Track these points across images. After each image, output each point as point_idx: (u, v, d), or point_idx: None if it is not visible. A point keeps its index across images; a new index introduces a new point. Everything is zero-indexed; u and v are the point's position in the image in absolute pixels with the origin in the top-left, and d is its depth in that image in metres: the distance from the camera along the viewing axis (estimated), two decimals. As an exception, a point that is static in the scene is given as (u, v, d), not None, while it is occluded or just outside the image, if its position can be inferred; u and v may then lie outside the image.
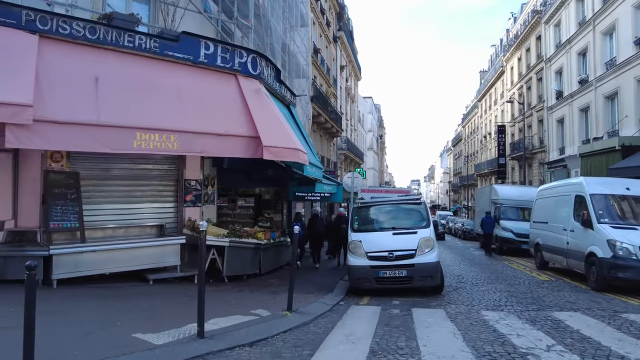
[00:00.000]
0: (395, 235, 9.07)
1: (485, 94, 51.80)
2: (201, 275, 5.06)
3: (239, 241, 9.07)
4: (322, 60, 25.78)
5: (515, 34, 38.85)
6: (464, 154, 65.16)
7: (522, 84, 35.80)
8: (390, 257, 8.60)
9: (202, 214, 10.02)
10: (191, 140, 7.56)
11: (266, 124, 8.39)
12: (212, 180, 10.46)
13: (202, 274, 5.08)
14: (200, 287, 5.01)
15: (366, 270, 8.63)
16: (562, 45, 26.64)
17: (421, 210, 9.97)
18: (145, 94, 7.62)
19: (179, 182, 9.80)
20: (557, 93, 27.88)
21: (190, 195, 9.77)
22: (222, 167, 10.47)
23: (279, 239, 11.22)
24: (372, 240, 9.02)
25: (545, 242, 12.89)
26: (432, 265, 8.61)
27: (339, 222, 14.39)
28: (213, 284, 8.76)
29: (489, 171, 46.19)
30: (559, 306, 7.61)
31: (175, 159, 9.80)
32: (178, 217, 9.79)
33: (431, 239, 8.96)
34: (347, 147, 32.73)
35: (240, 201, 16.38)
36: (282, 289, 8.43)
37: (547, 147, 30.07)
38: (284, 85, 11.29)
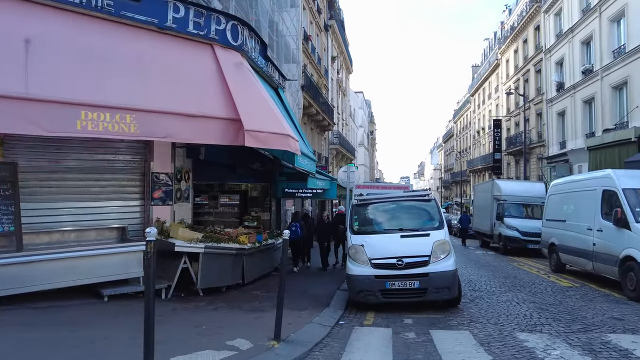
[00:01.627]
0: (403, 238, 7.63)
1: (479, 88, 50.71)
2: (148, 305, 3.51)
3: (216, 246, 7.54)
4: (313, 49, 24.25)
5: (511, 25, 37.69)
6: (456, 150, 64.16)
7: (518, 76, 34.67)
8: (399, 265, 7.15)
9: (174, 214, 8.46)
10: (153, 122, 6.00)
11: (249, 104, 6.88)
12: (186, 174, 8.89)
13: (151, 301, 3.52)
14: (148, 325, 3.47)
15: (370, 281, 7.17)
16: (564, 34, 25.45)
17: (432, 208, 8.55)
18: (95, 63, 6.03)
19: (146, 176, 8.23)
20: (557, 85, 26.73)
21: (158, 192, 8.21)
22: (198, 158, 8.90)
23: (266, 242, 9.70)
24: (377, 244, 7.57)
25: (563, 243, 11.57)
26: (449, 275, 7.19)
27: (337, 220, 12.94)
28: (184, 299, 7.23)
29: (483, 167, 45.14)
30: (608, 325, 6.23)
31: (141, 148, 8.23)
32: (145, 217, 8.22)
33: (447, 243, 7.54)
34: (338, 142, 31.27)
35: (224, 198, 14.81)
36: (269, 304, 6.94)
37: (546, 142, 28.95)
38: (271, 63, 9.75)
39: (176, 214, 8.50)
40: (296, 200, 19.50)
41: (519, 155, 34.60)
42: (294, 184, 15.21)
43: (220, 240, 7.68)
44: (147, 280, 3.54)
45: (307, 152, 9.38)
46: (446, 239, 7.62)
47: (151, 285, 3.53)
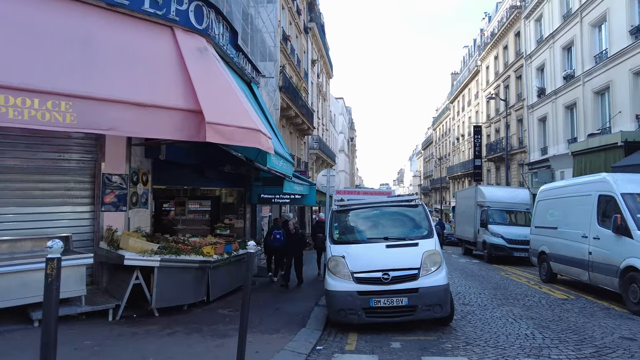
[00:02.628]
0: (390, 248, 6.78)
1: (458, 95, 50.83)
2: (47, 348, 2.51)
3: (175, 259, 6.53)
4: (292, 50, 23.42)
5: (491, 32, 37.75)
6: (435, 156, 64.20)
7: (499, 82, 34.61)
8: (385, 280, 6.29)
9: (129, 221, 7.40)
10: (95, 111, 5.01)
11: (213, 94, 5.97)
12: (144, 176, 7.86)
13: (50, 345, 2.53)
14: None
15: (352, 299, 6.28)
16: (545, 40, 25.34)
17: (420, 214, 7.73)
18: (26, 41, 5.03)
19: (97, 177, 7.17)
20: (538, 90, 26.60)
21: (110, 196, 7.15)
22: (158, 158, 7.88)
23: (236, 253, 8.71)
24: (359, 255, 6.69)
25: (554, 251, 10.94)
26: (441, 290, 6.36)
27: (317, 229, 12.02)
28: (135, 320, 6.18)
29: (463, 173, 45.04)
30: (622, 348, 5.48)
31: (91, 145, 7.18)
32: (95, 225, 7.15)
33: (438, 253, 6.72)
34: (318, 147, 30.42)
35: (194, 204, 13.78)
36: (235, 327, 5.96)
37: (527, 148, 28.77)
38: (243, 55, 8.83)
39: (131, 221, 7.45)
40: (273, 207, 18.52)
41: (499, 161, 34.48)
42: (271, 189, 14.26)
43: (180, 252, 6.67)
44: (47, 313, 2.54)
45: (283, 153, 8.48)
46: (437, 249, 6.81)
47: (52, 322, 2.53)
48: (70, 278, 5.68)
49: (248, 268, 4.50)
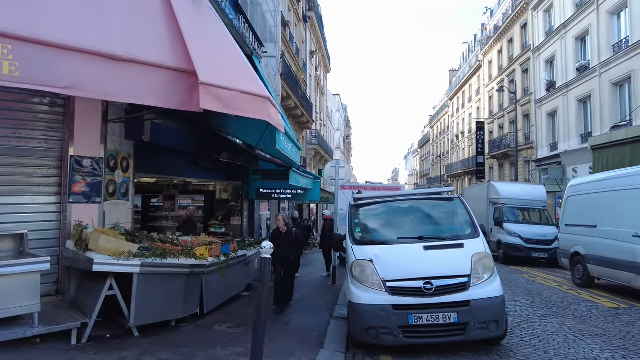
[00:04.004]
0: (429, 250, 5.45)
1: (458, 92, 49.74)
2: None
3: (160, 264, 5.16)
4: (292, 38, 22.05)
5: (494, 25, 36.63)
6: (434, 154, 63.12)
7: (503, 77, 33.48)
8: (427, 291, 4.97)
9: (104, 215, 6.00)
10: (47, 61, 3.64)
11: (208, 50, 4.64)
12: (125, 161, 6.45)
13: None
14: None
15: (386, 314, 4.94)
16: (556, 31, 24.18)
17: (457, 209, 6.44)
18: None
19: (65, 161, 5.77)
20: (547, 84, 25.45)
21: (81, 184, 5.75)
22: (141, 141, 6.47)
23: (234, 254, 7.35)
24: (392, 259, 5.36)
25: (593, 252, 9.69)
26: (498, 303, 5.06)
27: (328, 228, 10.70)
28: (108, 343, 4.79)
29: (463, 171, 43.92)
30: None
31: (57, 122, 5.77)
32: (61, 220, 5.75)
33: (489, 257, 5.41)
34: (317, 142, 29.08)
35: (185, 200, 12.37)
36: (238, 350, 4.64)
37: (534, 144, 27.63)
38: (244, 19, 7.47)
39: (107, 215, 6.05)
40: (272, 204, 17.16)
41: (503, 158, 33.38)
42: (270, 184, 12.93)
43: (167, 254, 5.29)
44: None
45: (292, 135, 7.12)
46: (487, 251, 5.50)
47: None
48: (18, 290, 4.28)
49: (264, 281, 3.14)
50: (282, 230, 7.66)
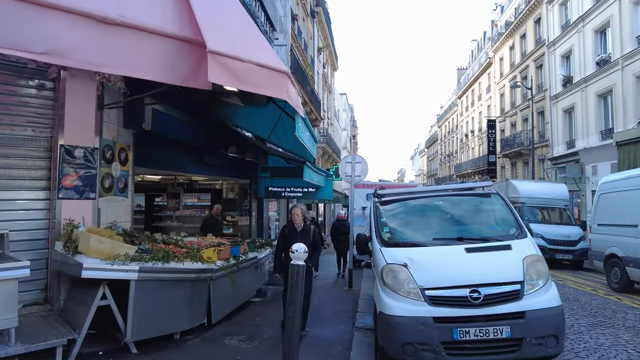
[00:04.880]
0: (471, 253, 4.70)
1: (467, 90, 48.87)
2: None
3: (162, 269, 4.45)
4: (300, 32, 21.35)
5: (506, 21, 35.77)
6: (443, 154, 62.23)
7: (515, 74, 32.59)
8: (474, 300, 4.22)
9: (99, 213, 5.30)
10: (23, 21, 2.97)
11: (218, 17, 3.92)
12: (123, 152, 5.75)
13: None
14: None
15: (426, 328, 4.19)
16: (573, 24, 23.32)
17: (497, 205, 5.70)
18: None
19: (54, 151, 5.08)
20: (564, 79, 24.58)
21: (72, 177, 5.06)
22: (142, 130, 5.76)
23: (245, 257, 6.64)
24: (429, 263, 4.62)
25: (632, 254, 8.90)
26: (557, 314, 4.31)
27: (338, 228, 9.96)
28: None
29: (473, 171, 43.00)
30: None
31: (46, 107, 5.08)
32: (50, 217, 5.06)
33: (541, 260, 4.66)
34: (325, 141, 28.34)
35: (190, 198, 11.69)
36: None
37: (549, 141, 26.74)
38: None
39: (103, 213, 5.35)
40: (280, 203, 16.46)
41: (516, 157, 32.52)
42: (280, 181, 12.25)
43: (170, 257, 4.58)
44: None
45: (309, 124, 6.40)
46: (538, 253, 4.75)
47: None
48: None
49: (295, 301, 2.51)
50: (297, 227, 5.75)
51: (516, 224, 5.31)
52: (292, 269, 3.05)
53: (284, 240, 5.71)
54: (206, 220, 9.40)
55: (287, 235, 5.73)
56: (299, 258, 3.15)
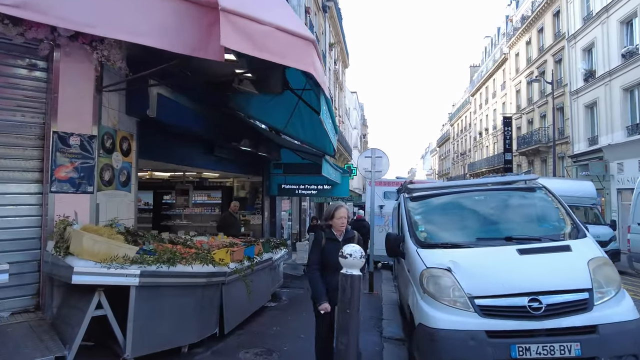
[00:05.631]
0: (525, 255, 4.03)
1: (481, 87, 47.89)
2: None
3: (167, 273, 3.85)
4: (312, 26, 20.74)
5: (522, 16, 34.80)
6: (457, 152, 61.22)
7: (532, 69, 31.64)
8: (534, 311, 3.55)
9: (97, 209, 4.71)
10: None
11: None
12: (125, 142, 5.16)
13: None
14: None
15: (477, 344, 3.53)
16: (596, 15, 22.39)
17: (546, 201, 5.03)
18: None
19: (47, 139, 4.51)
20: (585, 73, 23.65)
21: (66, 168, 4.48)
22: (146, 116, 5.17)
23: (259, 258, 6.03)
24: (477, 267, 3.95)
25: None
26: (635, 329, 3.61)
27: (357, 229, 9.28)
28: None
29: (488, 169, 41.99)
30: None
31: (38, 89, 4.50)
32: (42, 214, 4.49)
33: (609, 263, 3.98)
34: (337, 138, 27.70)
35: (200, 196, 11.13)
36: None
37: (570, 138, 25.81)
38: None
39: (102, 209, 4.77)
40: (293, 201, 15.86)
41: (533, 155, 31.58)
42: (293, 178, 11.65)
43: (176, 260, 3.97)
44: None
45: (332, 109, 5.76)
46: (604, 255, 4.06)
47: None
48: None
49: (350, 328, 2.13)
50: (338, 234, 3.99)
51: (570, 221, 4.63)
52: (344, 281, 2.35)
53: (320, 254, 3.92)
54: (224, 218, 8.84)
55: (326, 247, 3.92)
56: (353, 265, 2.47)
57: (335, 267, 3.49)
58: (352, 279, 2.68)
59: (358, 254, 2.88)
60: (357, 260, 2.82)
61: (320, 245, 3.95)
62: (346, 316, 2.60)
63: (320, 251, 3.92)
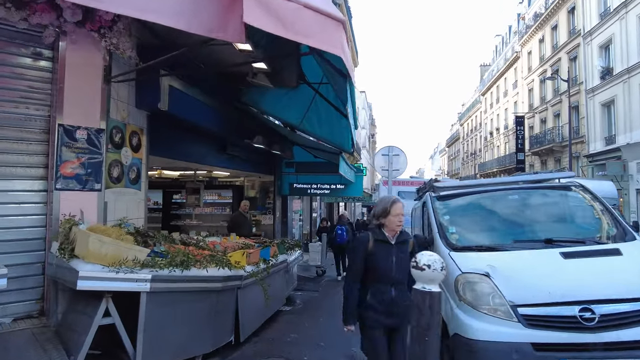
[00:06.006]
0: (570, 258, 3.67)
1: (491, 86, 47.24)
2: None
3: (180, 277, 3.54)
4: (322, 23, 20.37)
5: (534, 13, 34.21)
6: (467, 152, 60.59)
7: (545, 67, 31.04)
8: (587, 322, 3.20)
9: (105, 208, 4.42)
10: None
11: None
12: (135, 136, 4.87)
13: None
14: None
15: (523, 357, 3.18)
16: (614, 11, 21.82)
17: (587, 200, 4.64)
18: None
19: (52, 133, 4.23)
20: (602, 71, 23.08)
21: (72, 164, 4.19)
22: (157, 110, 4.88)
23: (274, 260, 5.72)
24: (517, 272, 3.61)
25: None
26: None
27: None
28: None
29: (499, 170, 41.42)
30: None
31: (42, 79, 4.22)
32: (47, 212, 4.20)
33: (667, 269, 3.60)
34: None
35: (210, 195, 10.85)
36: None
37: (585, 138, 25.23)
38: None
39: (110, 207, 4.48)
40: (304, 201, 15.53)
41: (547, 155, 30.99)
42: (305, 177, 11.34)
43: (191, 263, 3.67)
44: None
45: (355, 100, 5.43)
46: (659, 260, 3.69)
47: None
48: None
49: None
50: (391, 234, 3.20)
51: (615, 222, 4.25)
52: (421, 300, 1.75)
53: (364, 260, 3.11)
54: (234, 218, 8.54)
55: (374, 251, 3.11)
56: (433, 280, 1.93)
57: (388, 277, 3.03)
58: (432, 298, 2.10)
59: (438, 265, 2.30)
60: (438, 272, 2.26)
61: (365, 250, 3.10)
62: (424, 345, 2.06)
63: (364, 257, 3.10)
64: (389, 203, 3.21)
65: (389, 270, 2.93)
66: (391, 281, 3.10)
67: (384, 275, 3.07)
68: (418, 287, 2.36)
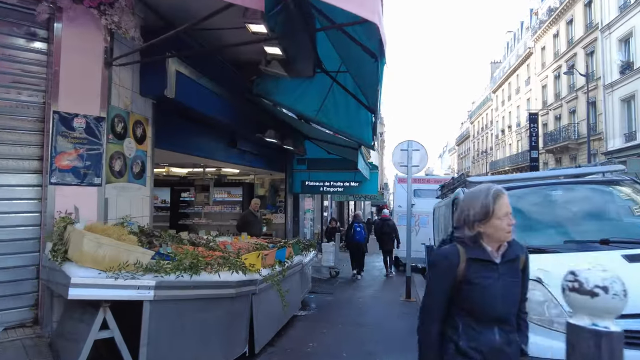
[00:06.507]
0: (635, 263, 3.18)
1: (503, 83, 46.46)
2: None
3: (188, 283, 3.10)
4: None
5: (548, 8, 33.43)
6: (478, 151, 59.77)
7: (560, 63, 30.28)
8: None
9: (106, 204, 4.00)
10: None
11: None
12: (139, 126, 4.45)
13: None
14: None
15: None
16: (635, 2, 21.11)
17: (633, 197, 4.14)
18: None
19: (47, 122, 3.81)
20: (622, 65, 22.36)
21: (69, 156, 3.78)
22: (163, 98, 4.45)
23: (290, 262, 5.27)
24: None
25: None
26: None
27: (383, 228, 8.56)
28: None
29: (512, 168, 40.66)
30: None
31: (40, 62, 3.82)
32: (42, 209, 3.80)
33: None
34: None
35: (220, 193, 10.45)
36: None
37: (603, 134, 24.51)
38: None
39: (111, 204, 4.06)
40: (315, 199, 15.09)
41: (561, 152, 30.24)
42: (317, 174, 10.91)
43: (200, 267, 3.23)
44: None
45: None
46: None
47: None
48: None
49: None
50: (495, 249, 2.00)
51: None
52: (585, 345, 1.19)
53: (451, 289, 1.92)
54: (245, 217, 8.12)
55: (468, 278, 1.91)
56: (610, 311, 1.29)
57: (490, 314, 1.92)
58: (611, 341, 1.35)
59: (619, 287, 1.58)
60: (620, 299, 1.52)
61: (454, 277, 1.91)
62: None
63: (451, 287, 1.91)
64: (490, 197, 1.98)
65: (493, 305, 1.90)
66: (495, 319, 1.95)
67: (483, 312, 1.94)
68: (580, 323, 1.63)
